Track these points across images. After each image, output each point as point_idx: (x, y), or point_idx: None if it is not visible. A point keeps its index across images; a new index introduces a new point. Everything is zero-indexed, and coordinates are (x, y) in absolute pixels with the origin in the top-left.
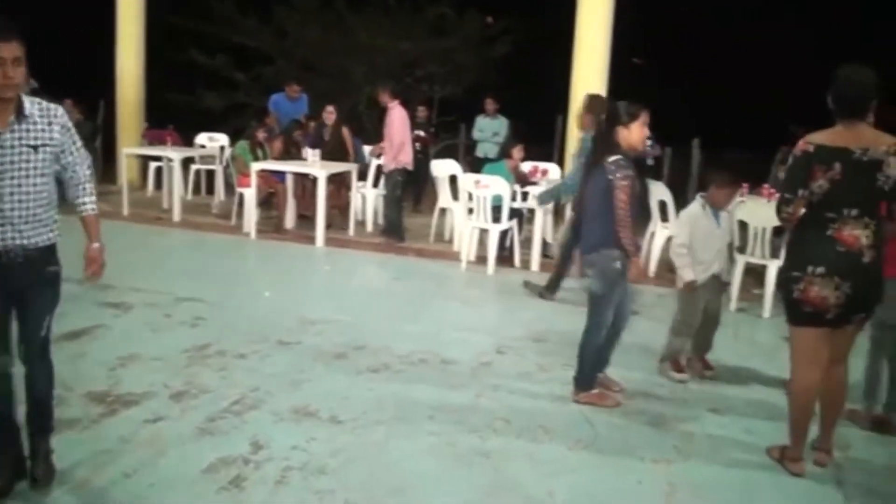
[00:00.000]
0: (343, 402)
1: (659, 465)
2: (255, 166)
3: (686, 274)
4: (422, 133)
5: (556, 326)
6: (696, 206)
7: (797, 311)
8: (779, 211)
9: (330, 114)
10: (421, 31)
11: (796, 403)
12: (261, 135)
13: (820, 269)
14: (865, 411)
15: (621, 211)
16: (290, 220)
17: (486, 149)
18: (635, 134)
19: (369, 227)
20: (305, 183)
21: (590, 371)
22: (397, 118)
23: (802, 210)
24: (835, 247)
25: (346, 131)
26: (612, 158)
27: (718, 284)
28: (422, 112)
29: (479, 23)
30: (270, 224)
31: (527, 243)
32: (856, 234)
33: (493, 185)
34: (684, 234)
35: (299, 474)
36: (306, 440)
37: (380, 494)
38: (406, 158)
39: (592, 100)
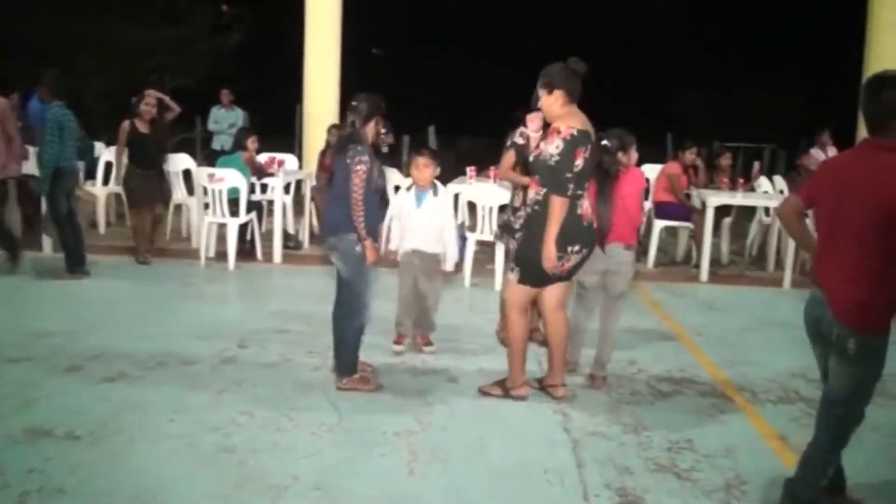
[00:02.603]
0: (79, 416)
1: (401, 437)
2: None
3: (391, 244)
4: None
5: (299, 316)
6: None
7: (541, 278)
8: (564, 191)
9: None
10: (151, 18)
11: (518, 346)
12: None
13: (576, 248)
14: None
15: (355, 195)
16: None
17: (222, 141)
18: (371, 131)
19: (101, 228)
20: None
21: (352, 356)
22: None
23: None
24: (583, 223)
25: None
26: (353, 147)
27: (425, 262)
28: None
29: (211, 11)
30: None
31: (269, 236)
32: (586, 206)
33: (227, 177)
34: (390, 211)
35: (37, 497)
36: (43, 461)
37: None
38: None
39: (44, 74)
